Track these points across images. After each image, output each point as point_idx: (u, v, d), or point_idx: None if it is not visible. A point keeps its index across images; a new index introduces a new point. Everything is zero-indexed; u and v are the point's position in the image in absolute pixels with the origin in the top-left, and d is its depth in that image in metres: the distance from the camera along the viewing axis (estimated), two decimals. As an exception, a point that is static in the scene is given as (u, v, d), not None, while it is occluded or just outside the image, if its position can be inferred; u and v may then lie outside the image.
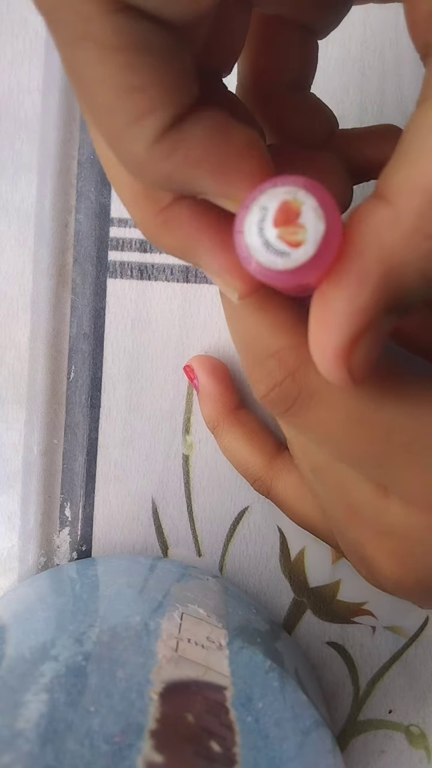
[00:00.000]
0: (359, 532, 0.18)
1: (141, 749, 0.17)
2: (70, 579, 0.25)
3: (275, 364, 0.16)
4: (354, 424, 0.15)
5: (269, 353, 0.16)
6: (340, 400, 0.15)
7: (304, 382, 0.15)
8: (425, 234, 0.12)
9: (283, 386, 0.16)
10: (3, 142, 0.27)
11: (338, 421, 0.15)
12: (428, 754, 0.27)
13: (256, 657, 0.21)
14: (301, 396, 0.16)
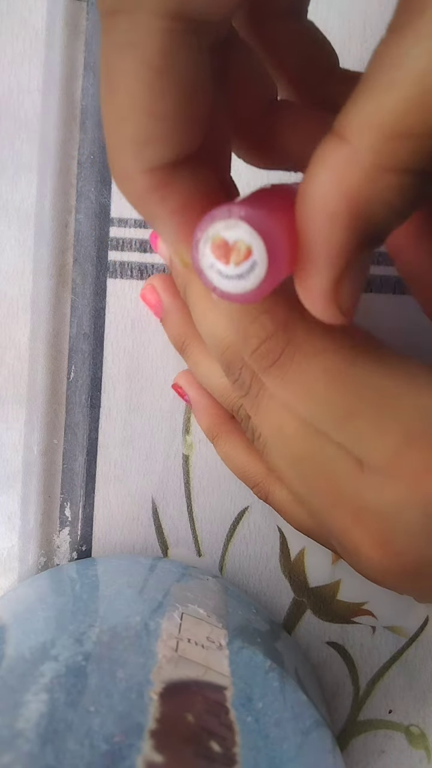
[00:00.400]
0: (342, 517, 0.18)
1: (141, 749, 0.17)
2: (70, 579, 0.25)
3: (268, 318, 0.17)
4: (330, 376, 0.17)
5: (262, 310, 0.17)
6: (321, 352, 0.17)
7: (293, 334, 0.17)
8: (384, 168, 0.13)
9: (274, 337, 0.17)
10: (3, 142, 0.27)
11: (317, 372, 0.17)
12: (428, 754, 0.27)
13: (256, 657, 0.21)
14: (288, 347, 0.17)
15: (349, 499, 0.18)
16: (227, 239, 0.14)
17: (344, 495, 0.18)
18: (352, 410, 0.17)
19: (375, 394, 0.16)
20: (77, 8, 0.27)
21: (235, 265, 0.14)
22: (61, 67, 0.27)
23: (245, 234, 0.14)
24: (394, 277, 0.26)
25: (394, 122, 0.12)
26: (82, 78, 0.27)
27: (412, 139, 0.12)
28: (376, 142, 0.13)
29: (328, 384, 0.17)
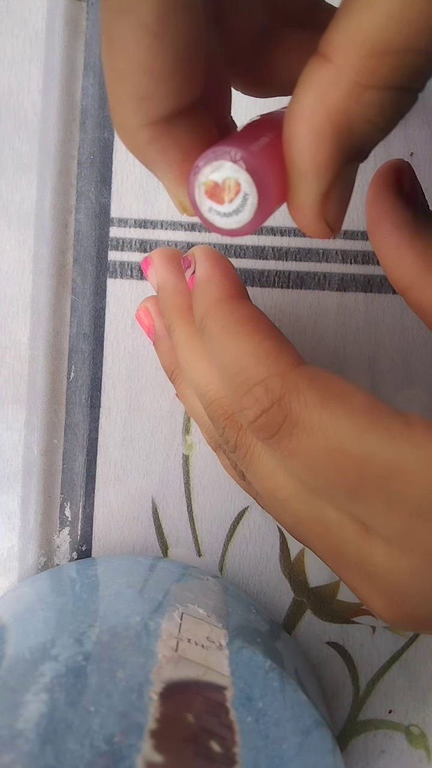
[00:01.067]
0: (349, 577, 0.18)
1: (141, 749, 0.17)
2: (70, 579, 0.25)
3: (262, 391, 0.16)
4: (332, 454, 0.16)
5: (256, 381, 0.16)
6: (321, 429, 0.16)
7: (289, 409, 0.16)
8: (365, 86, 0.13)
9: (270, 412, 0.16)
10: (3, 142, 0.27)
11: (318, 449, 0.16)
12: (428, 754, 0.27)
13: (256, 657, 0.21)
14: (286, 422, 0.16)
15: (356, 563, 0.17)
16: (217, 180, 0.15)
17: (349, 559, 0.17)
18: (357, 488, 0.16)
19: (382, 472, 0.15)
20: (77, 8, 0.27)
21: (229, 202, 0.15)
22: (61, 67, 0.27)
23: (230, 171, 0.14)
24: (394, 277, 0.26)
25: (374, 40, 0.13)
26: (82, 78, 0.27)
27: (391, 56, 0.13)
28: (357, 61, 0.13)
29: (329, 463, 0.16)
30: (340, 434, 0.15)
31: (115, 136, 0.27)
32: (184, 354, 0.20)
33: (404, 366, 0.27)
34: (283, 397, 0.16)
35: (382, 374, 0.27)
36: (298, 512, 0.18)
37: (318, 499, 0.17)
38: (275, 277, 0.27)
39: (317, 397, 0.16)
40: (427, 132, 0.26)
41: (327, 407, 0.16)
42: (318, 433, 0.16)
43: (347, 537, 0.17)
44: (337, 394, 0.16)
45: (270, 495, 0.19)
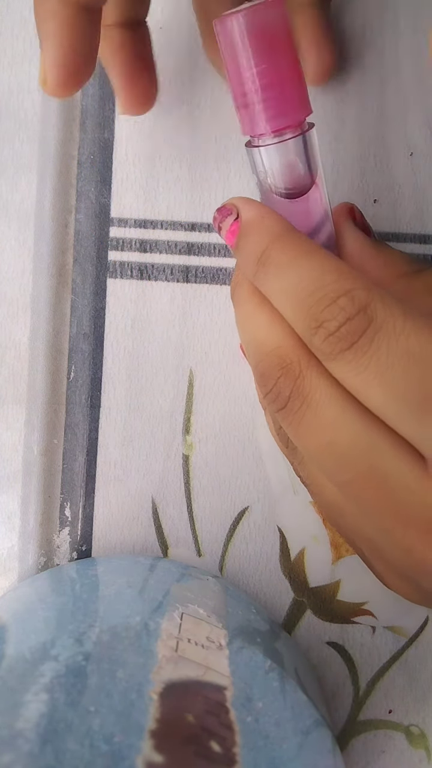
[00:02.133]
0: (404, 535, 0.17)
1: (141, 749, 0.17)
2: (70, 579, 0.25)
3: (348, 300, 0.17)
4: (411, 359, 0.16)
5: (341, 292, 0.17)
6: (403, 333, 0.16)
7: (375, 314, 0.17)
8: None
9: (355, 319, 0.17)
10: (3, 142, 0.27)
11: (398, 354, 0.16)
12: (428, 754, 0.27)
13: (256, 657, 0.21)
14: (370, 327, 0.17)
15: (415, 514, 0.17)
16: None
17: (408, 510, 0.17)
18: (429, 397, 0.16)
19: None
20: (77, 8, 0.27)
21: None
22: (61, 67, 0.27)
23: None
24: (394, 277, 0.26)
25: None
26: (82, 78, 0.27)
27: None
28: None
29: (407, 368, 0.16)
30: (421, 340, 0.16)
31: (115, 136, 0.27)
32: (246, 308, 0.20)
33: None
34: (370, 305, 0.17)
35: (382, 374, 0.27)
36: (356, 464, 0.18)
37: (379, 443, 0.17)
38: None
39: (401, 309, 0.17)
40: (427, 132, 0.26)
41: (410, 317, 0.16)
42: (400, 337, 0.16)
43: (407, 484, 0.17)
44: (419, 310, 0.17)
45: (326, 450, 0.18)
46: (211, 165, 0.27)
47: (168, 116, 0.27)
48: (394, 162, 0.26)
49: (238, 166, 0.27)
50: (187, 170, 0.27)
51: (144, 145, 0.27)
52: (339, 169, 0.26)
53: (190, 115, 0.27)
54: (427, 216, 0.26)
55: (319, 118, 0.27)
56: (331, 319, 0.17)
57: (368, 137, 0.26)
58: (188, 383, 0.27)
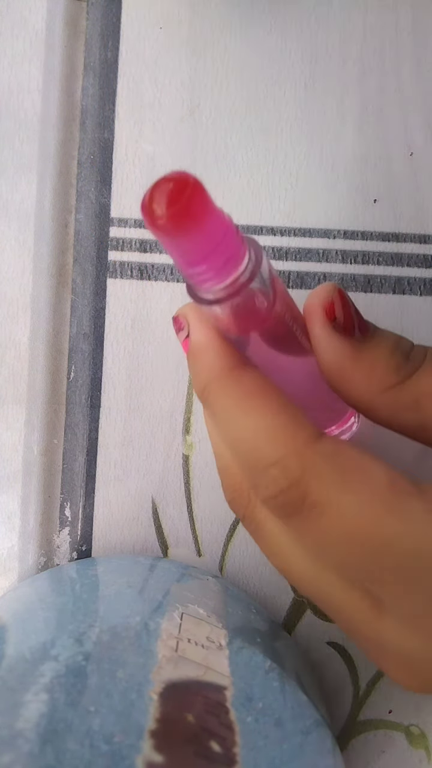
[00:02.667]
0: (363, 647, 0.18)
1: (141, 749, 0.17)
2: (70, 579, 0.25)
3: (279, 471, 0.15)
4: (351, 538, 0.15)
5: (271, 461, 0.16)
6: (339, 512, 0.15)
7: (308, 490, 0.15)
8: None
9: (288, 493, 0.15)
10: (3, 142, 0.27)
11: (337, 532, 0.15)
12: (428, 754, 0.27)
13: (256, 657, 0.21)
14: (305, 504, 0.15)
15: (369, 638, 0.17)
16: None
17: (362, 633, 0.17)
18: (374, 571, 0.15)
19: (400, 558, 0.15)
20: (77, 8, 0.27)
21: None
22: (61, 67, 0.27)
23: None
24: (394, 277, 0.26)
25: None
26: (82, 78, 0.27)
27: None
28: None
29: (347, 546, 0.15)
30: (360, 518, 0.15)
31: (115, 136, 0.27)
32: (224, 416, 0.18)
33: (404, 366, 0.27)
34: (302, 478, 0.15)
35: (382, 374, 0.27)
36: (309, 590, 0.18)
37: (331, 577, 0.17)
38: (275, 277, 0.27)
39: (336, 477, 0.15)
40: (427, 132, 0.26)
41: (346, 489, 0.15)
42: (337, 516, 0.15)
43: (360, 615, 0.17)
44: (356, 471, 0.15)
45: (280, 569, 0.18)
46: (211, 165, 0.27)
47: (168, 116, 0.27)
48: (394, 162, 0.26)
49: (238, 166, 0.27)
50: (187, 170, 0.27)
51: (144, 145, 0.27)
52: (339, 169, 0.26)
53: (190, 115, 0.27)
54: (427, 216, 0.26)
55: (320, 118, 0.27)
56: (265, 487, 0.16)
57: (368, 137, 0.26)
58: (188, 383, 0.27)
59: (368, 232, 0.27)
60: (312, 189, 0.27)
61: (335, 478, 0.15)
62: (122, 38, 0.27)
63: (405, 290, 0.27)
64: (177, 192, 0.13)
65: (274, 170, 0.27)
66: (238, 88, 0.27)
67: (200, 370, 0.18)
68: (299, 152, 0.27)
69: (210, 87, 0.27)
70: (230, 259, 0.15)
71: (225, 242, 0.15)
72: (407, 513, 0.15)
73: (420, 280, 0.26)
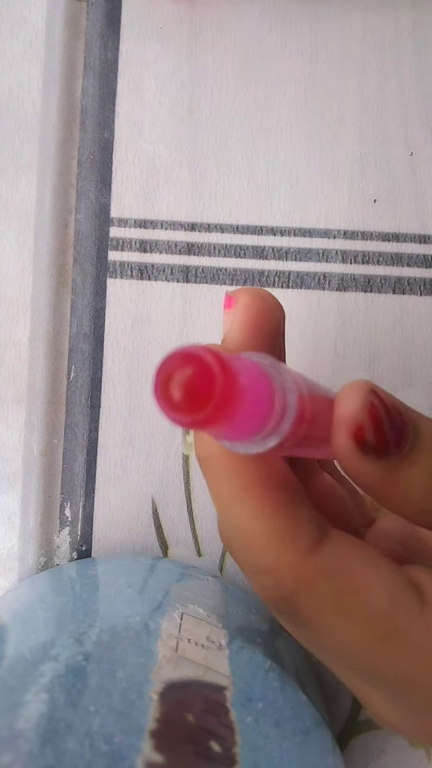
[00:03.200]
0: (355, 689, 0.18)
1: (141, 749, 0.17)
2: (70, 579, 0.25)
3: (271, 582, 0.14)
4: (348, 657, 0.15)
5: (265, 569, 0.14)
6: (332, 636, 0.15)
7: (301, 609, 0.14)
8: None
9: (279, 604, 0.15)
10: (3, 142, 0.27)
11: (332, 649, 0.15)
12: (428, 753, 0.27)
13: (256, 657, 0.21)
14: (296, 617, 0.15)
15: (362, 698, 0.18)
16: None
17: (357, 691, 0.18)
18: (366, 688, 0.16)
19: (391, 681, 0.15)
20: (77, 8, 0.27)
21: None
22: (61, 67, 0.27)
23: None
24: (394, 277, 0.26)
25: None
26: (82, 78, 0.27)
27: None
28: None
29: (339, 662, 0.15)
30: (354, 643, 0.14)
31: (115, 136, 0.27)
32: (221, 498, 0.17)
33: (404, 366, 0.27)
34: (295, 595, 0.14)
35: (382, 374, 0.27)
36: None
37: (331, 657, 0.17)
38: (275, 277, 0.27)
39: (332, 601, 0.14)
40: (427, 132, 0.26)
41: (342, 612, 0.14)
42: (330, 638, 0.15)
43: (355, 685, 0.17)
44: (354, 594, 0.14)
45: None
46: (211, 165, 0.27)
47: (168, 116, 0.27)
48: (394, 162, 0.26)
49: (238, 166, 0.27)
50: (187, 170, 0.27)
51: (144, 145, 0.27)
52: (339, 169, 0.26)
53: (190, 115, 0.27)
54: (427, 216, 0.26)
55: (320, 118, 0.27)
56: (256, 588, 0.15)
57: (368, 137, 0.26)
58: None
59: (368, 232, 0.27)
60: (312, 189, 0.27)
61: (330, 602, 0.14)
62: (122, 38, 0.27)
63: (405, 290, 0.27)
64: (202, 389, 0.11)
65: (274, 170, 0.27)
66: (238, 88, 0.27)
67: (204, 437, 0.16)
68: (299, 152, 0.27)
69: (210, 87, 0.27)
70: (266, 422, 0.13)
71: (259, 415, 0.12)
72: (405, 638, 0.14)
73: (420, 280, 0.26)
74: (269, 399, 0.12)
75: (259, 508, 0.14)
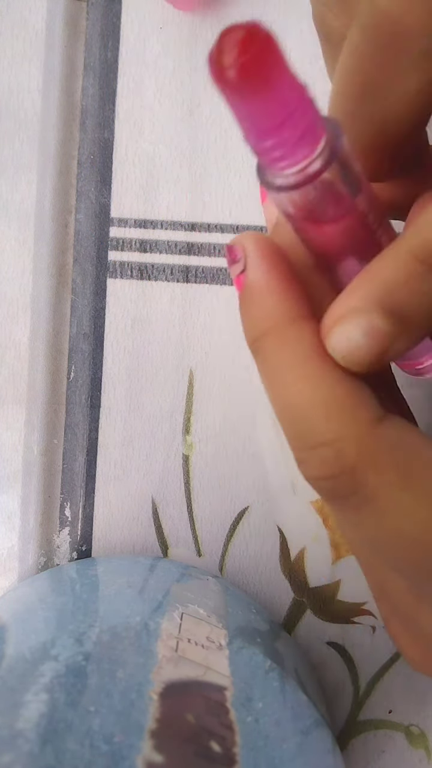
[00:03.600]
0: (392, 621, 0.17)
1: (141, 749, 0.17)
2: (70, 579, 0.25)
3: (331, 454, 0.13)
4: (402, 539, 0.14)
5: (324, 440, 0.13)
6: (395, 513, 0.13)
7: (364, 483, 0.13)
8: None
9: (339, 480, 0.14)
10: (3, 142, 0.27)
11: (388, 531, 0.14)
12: (428, 754, 0.27)
13: (256, 657, 0.21)
14: (357, 496, 0.14)
15: (402, 616, 0.16)
16: None
17: (398, 609, 0.16)
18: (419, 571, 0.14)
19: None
20: (77, 8, 0.27)
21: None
22: (61, 67, 0.27)
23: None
24: (394, 277, 0.26)
25: None
26: (82, 78, 0.27)
27: None
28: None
29: (399, 546, 0.14)
30: (415, 522, 0.13)
31: (115, 137, 0.27)
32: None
33: (404, 366, 0.27)
34: (358, 468, 0.13)
35: (382, 374, 0.27)
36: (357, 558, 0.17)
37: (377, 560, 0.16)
38: (275, 277, 0.27)
39: (398, 476, 0.13)
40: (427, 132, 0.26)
41: (407, 490, 0.13)
42: (394, 516, 0.14)
43: (400, 594, 0.16)
44: (421, 469, 0.13)
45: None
46: (211, 165, 0.27)
47: (168, 116, 0.27)
48: (394, 162, 0.26)
49: (238, 166, 0.27)
50: (187, 170, 0.27)
51: (144, 145, 0.27)
52: (339, 169, 0.26)
53: (190, 115, 0.27)
54: (427, 216, 0.26)
55: (319, 118, 0.26)
56: (311, 467, 0.14)
57: (368, 137, 0.26)
58: (188, 383, 0.27)
59: (368, 232, 0.27)
60: (312, 189, 0.27)
61: (396, 477, 0.13)
62: (122, 38, 0.27)
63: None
64: (249, 40, 0.11)
65: (274, 170, 0.27)
66: (238, 88, 0.27)
67: (254, 316, 0.15)
68: (299, 152, 0.27)
69: (210, 87, 0.27)
70: (307, 133, 0.13)
71: (301, 110, 0.12)
72: None
73: (420, 280, 0.26)
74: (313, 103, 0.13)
75: (321, 376, 0.14)
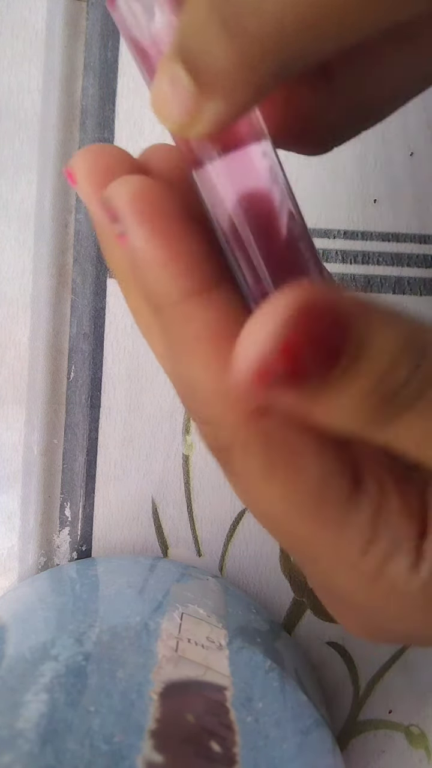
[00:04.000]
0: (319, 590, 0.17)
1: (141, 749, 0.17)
2: (70, 579, 0.25)
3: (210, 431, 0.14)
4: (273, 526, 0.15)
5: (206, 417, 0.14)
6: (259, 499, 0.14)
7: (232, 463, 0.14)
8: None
9: (217, 453, 0.15)
10: (3, 142, 0.27)
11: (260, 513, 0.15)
12: (428, 754, 0.27)
13: (256, 657, 0.21)
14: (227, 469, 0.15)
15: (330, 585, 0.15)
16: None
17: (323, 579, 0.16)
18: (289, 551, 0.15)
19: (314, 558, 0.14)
20: (77, 8, 0.27)
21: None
22: (61, 67, 0.27)
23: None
24: (394, 277, 0.26)
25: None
26: (82, 78, 0.27)
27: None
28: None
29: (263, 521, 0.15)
30: (277, 514, 0.14)
31: (115, 137, 0.27)
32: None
33: (404, 366, 0.27)
34: (230, 450, 0.14)
35: (382, 374, 0.27)
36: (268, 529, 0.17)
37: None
38: (275, 277, 0.27)
39: (261, 466, 0.13)
40: (427, 132, 0.26)
41: (268, 481, 0.13)
42: (256, 500, 0.14)
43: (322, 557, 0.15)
44: (288, 463, 0.13)
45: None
46: (211, 165, 0.27)
47: (168, 116, 0.27)
48: (394, 162, 0.26)
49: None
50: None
51: (144, 145, 0.27)
52: (339, 170, 0.26)
53: (190, 115, 0.27)
54: (427, 216, 0.26)
55: (319, 118, 0.26)
56: (200, 433, 0.15)
57: (368, 137, 0.26)
58: (188, 383, 0.27)
59: (368, 232, 0.27)
60: (312, 189, 0.27)
61: (259, 466, 0.13)
62: (122, 38, 0.27)
63: (405, 290, 0.27)
64: None
65: (274, 170, 0.27)
66: (238, 88, 0.27)
67: (152, 290, 0.13)
68: (299, 152, 0.27)
69: (210, 87, 0.27)
70: None
71: None
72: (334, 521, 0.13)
73: (420, 280, 0.26)
74: None
75: (207, 361, 0.13)
